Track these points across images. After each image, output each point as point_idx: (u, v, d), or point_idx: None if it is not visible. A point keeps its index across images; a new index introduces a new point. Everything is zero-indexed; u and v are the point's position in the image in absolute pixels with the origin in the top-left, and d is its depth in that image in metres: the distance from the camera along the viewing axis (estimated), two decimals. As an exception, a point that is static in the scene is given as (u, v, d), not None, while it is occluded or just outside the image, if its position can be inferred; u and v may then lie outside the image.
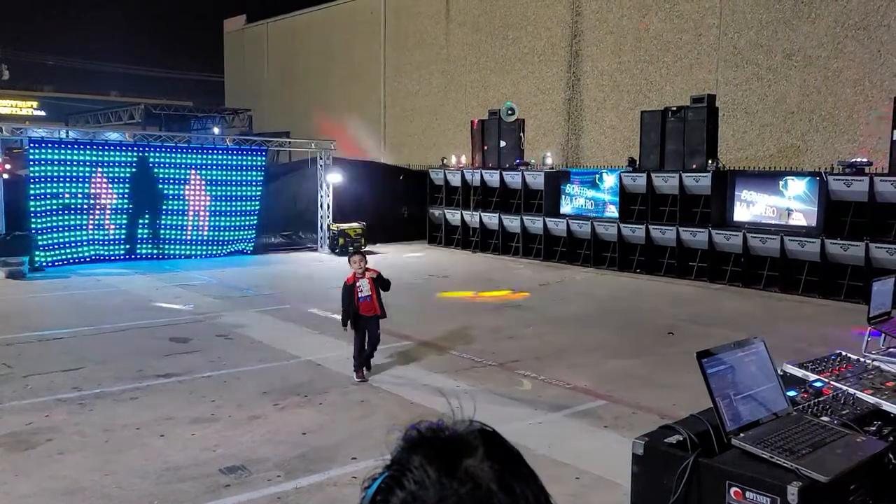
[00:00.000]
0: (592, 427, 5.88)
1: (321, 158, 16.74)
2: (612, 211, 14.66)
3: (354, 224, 16.47)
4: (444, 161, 18.16)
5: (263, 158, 15.98)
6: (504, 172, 16.43)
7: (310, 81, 28.95)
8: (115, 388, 6.61)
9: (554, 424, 5.99)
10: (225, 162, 15.41)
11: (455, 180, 17.58)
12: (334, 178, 16.74)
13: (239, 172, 15.46)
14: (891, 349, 3.81)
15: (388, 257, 16.32)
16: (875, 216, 11.11)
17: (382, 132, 25.60)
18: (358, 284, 6.95)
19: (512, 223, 16.31)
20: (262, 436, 5.55)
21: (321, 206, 16.74)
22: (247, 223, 15.68)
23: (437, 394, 6.50)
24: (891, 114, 11.38)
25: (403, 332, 8.94)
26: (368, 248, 16.60)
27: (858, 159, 11.85)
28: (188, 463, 5.03)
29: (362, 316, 6.93)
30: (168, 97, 31.75)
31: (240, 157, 15.66)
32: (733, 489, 2.00)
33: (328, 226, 16.66)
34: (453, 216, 17.63)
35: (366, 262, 7.12)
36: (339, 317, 7.30)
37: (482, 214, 16.86)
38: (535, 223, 15.84)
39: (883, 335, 4.19)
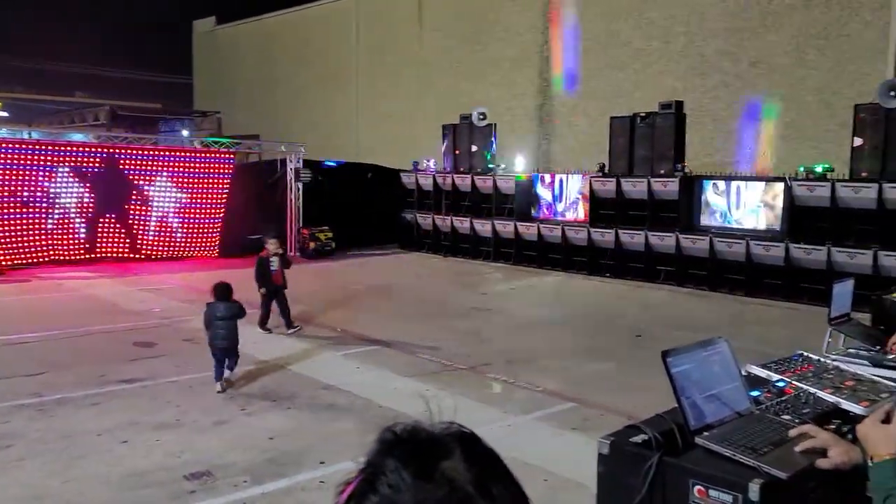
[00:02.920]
0: (561, 429, 5.91)
1: (291, 161, 16.63)
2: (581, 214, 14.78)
3: (325, 227, 16.37)
4: (417, 164, 18.15)
5: (231, 160, 15.82)
6: (476, 177, 16.47)
7: (281, 84, 28.75)
8: (77, 394, 6.47)
9: (523, 427, 6.01)
10: (192, 163, 15.23)
11: (427, 184, 17.57)
12: (304, 180, 16.62)
13: (206, 174, 15.29)
14: (850, 349, 3.89)
15: (354, 261, 16.26)
16: (837, 221, 11.35)
17: (355, 136, 25.52)
18: (270, 259, 8.91)
19: (484, 227, 16.35)
20: (229, 441, 5.48)
21: (290, 209, 16.62)
22: (213, 226, 15.50)
23: (407, 397, 6.49)
24: (850, 121, 11.67)
25: (373, 335, 8.91)
26: (342, 253, 16.54)
27: (821, 165, 12.10)
28: (152, 469, 4.94)
29: (272, 284, 8.88)
30: (135, 99, 31.23)
31: (207, 159, 15.49)
32: (697, 487, 2.01)
33: (298, 229, 16.54)
34: (425, 220, 17.62)
35: (278, 244, 9.08)
36: (305, 320, 7.28)
37: (454, 218, 16.87)
38: (506, 227, 15.90)
39: (843, 336, 4.27)
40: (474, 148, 16.73)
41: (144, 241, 14.92)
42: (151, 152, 15.16)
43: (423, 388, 6.88)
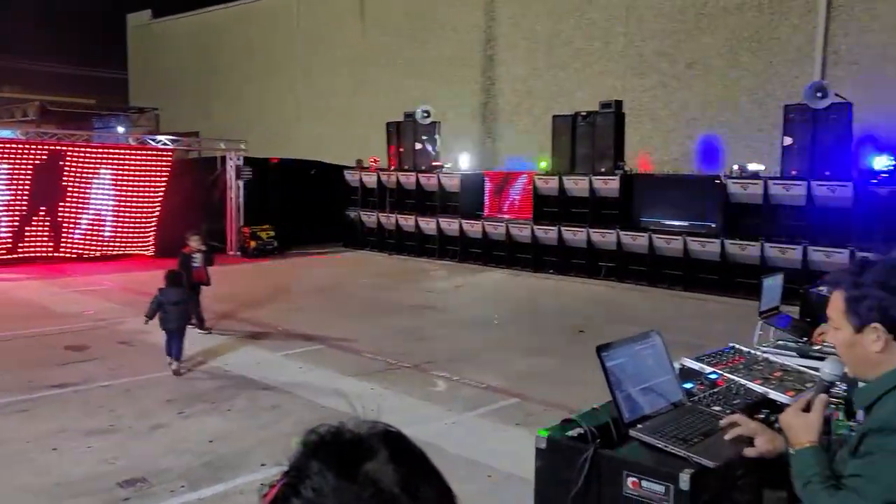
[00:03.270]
0: (505, 425, 5.95)
1: (231, 159, 16.30)
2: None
3: (266, 226, 16.10)
4: (360, 162, 18.02)
5: (169, 158, 15.40)
6: (420, 175, 16.45)
7: (221, 80, 28.13)
8: (2, 401, 6.20)
9: (467, 424, 6.03)
10: (127, 161, 14.78)
11: (371, 182, 17.47)
12: (245, 178, 16.31)
13: (142, 172, 14.85)
14: (779, 342, 4.02)
15: (297, 260, 16.06)
16: (769, 217, 11.76)
17: (297, 133, 25.16)
18: (193, 256, 8.75)
19: (428, 225, 16.35)
20: (166, 446, 5.33)
21: (231, 208, 16.29)
22: (148, 224, 15.07)
23: (351, 396, 6.44)
24: (781, 121, 12.09)
25: (315, 333, 8.81)
26: (285, 252, 16.30)
27: (753, 164, 12.51)
28: (83, 477, 4.77)
29: (192, 280, 8.53)
30: (67, 94, 30.07)
31: (143, 157, 15.05)
32: (630, 479, 2.05)
33: (239, 228, 16.23)
34: (369, 218, 17.52)
35: (202, 240, 8.92)
36: (246, 320, 7.15)
37: (399, 216, 16.82)
38: (451, 225, 15.93)
39: (772, 329, 4.41)
40: (418, 146, 16.71)
41: (76, 241, 14.40)
42: (84, 149, 14.64)
43: (368, 387, 6.84)
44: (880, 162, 11.25)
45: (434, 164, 16.52)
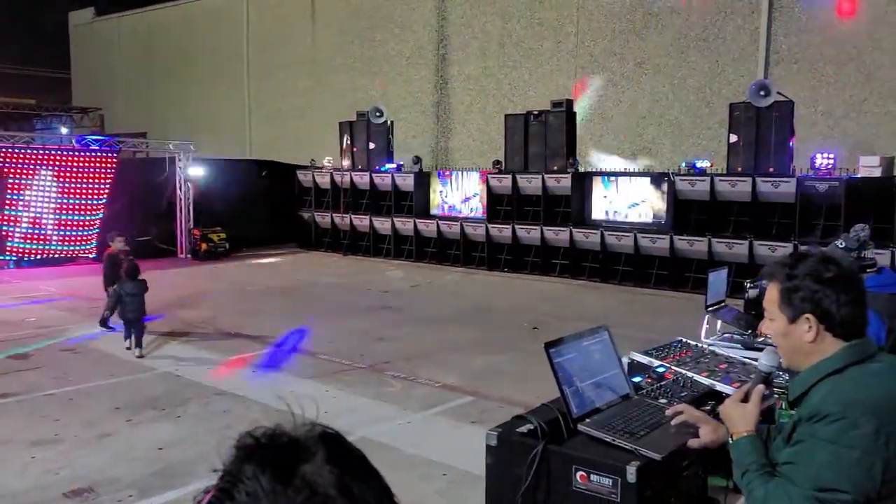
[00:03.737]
0: (460, 423, 5.96)
1: (180, 160, 15.97)
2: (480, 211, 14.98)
3: (218, 228, 15.83)
4: (313, 162, 17.86)
5: (113, 159, 15.00)
6: (374, 174, 16.37)
7: (169, 80, 27.52)
8: (-59, 413, 5.96)
9: (423, 423, 6.03)
10: (70, 162, 14.35)
11: (324, 182, 17.33)
12: (195, 179, 16.00)
13: (85, 174, 14.43)
14: (725, 334, 4.12)
15: (250, 262, 15.83)
16: (716, 213, 12.04)
17: (248, 133, 24.80)
18: (119, 257, 8.72)
19: (383, 225, 16.29)
20: (113, 454, 5.19)
21: (181, 210, 15.97)
22: (91, 227, 14.67)
23: (303, 399, 6.36)
24: (727, 119, 12.39)
25: (269, 337, 8.69)
26: (237, 254, 16.04)
27: (701, 161, 12.79)
28: (27, 488, 4.62)
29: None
30: (7, 94, 29.06)
31: (86, 159, 14.62)
32: (579, 473, 2.07)
33: (189, 230, 15.92)
34: (323, 218, 17.37)
35: (125, 242, 9.11)
36: (197, 324, 7.03)
37: (353, 217, 16.71)
38: (405, 224, 15.90)
39: (719, 322, 4.52)
40: (372, 145, 16.64)
41: (14, 244, 13.93)
42: (24, 151, 14.16)
43: (323, 389, 6.78)
44: (820, 158, 11.62)
45: (388, 163, 16.47)
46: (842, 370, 1.74)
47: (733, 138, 12.13)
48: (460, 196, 15.55)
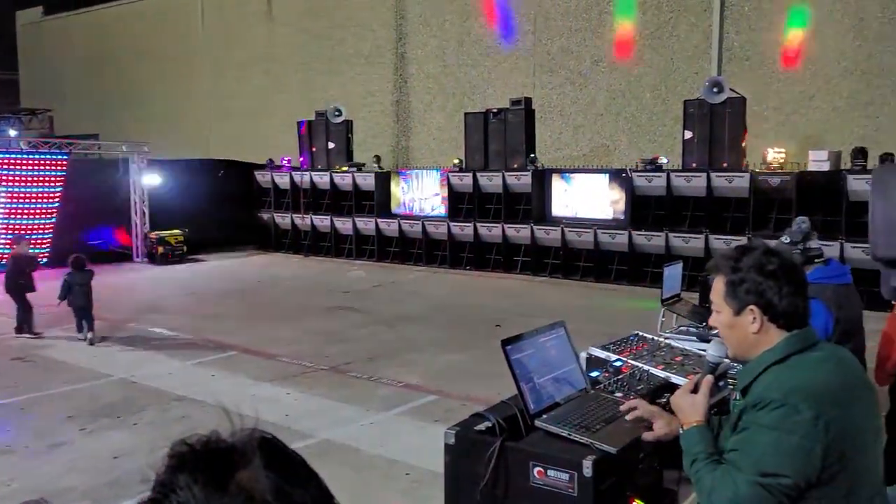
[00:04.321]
0: (423, 422, 5.95)
1: (134, 162, 15.64)
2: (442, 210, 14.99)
3: (175, 231, 15.53)
4: (272, 162, 17.65)
5: (64, 162, 14.61)
6: (334, 174, 16.25)
7: (122, 80, 26.91)
8: None
9: (386, 423, 6.00)
10: (17, 165, 13.93)
11: (284, 182, 17.14)
12: (150, 181, 15.68)
13: (34, 177, 14.02)
14: (681, 327, 4.19)
15: (209, 265, 15.59)
16: (672, 208, 12.24)
17: (205, 133, 24.40)
18: (24, 261, 8.92)
19: (344, 225, 16.19)
20: (66, 464, 5.06)
21: (136, 213, 15.64)
22: (43, 233, 14.27)
23: (267, 402, 6.29)
24: (681, 115, 12.60)
25: (229, 340, 8.57)
26: (195, 257, 15.77)
27: (657, 157, 12.98)
28: (-25, 503, 4.47)
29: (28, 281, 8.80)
30: (-50, 95, 28.15)
31: (36, 161, 14.22)
32: (536, 469, 2.08)
33: (145, 233, 15.60)
34: (283, 219, 17.18)
35: (28, 244, 9.52)
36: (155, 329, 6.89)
37: (313, 217, 16.57)
38: (367, 224, 15.82)
39: (675, 315, 4.59)
40: (331, 145, 16.51)
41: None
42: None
43: (284, 392, 6.71)
44: (772, 153, 11.89)
45: (348, 163, 16.36)
46: (784, 359, 1.79)
47: (688, 134, 12.34)
48: (422, 195, 15.54)
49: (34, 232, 14.04)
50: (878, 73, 13.09)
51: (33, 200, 14.08)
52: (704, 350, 3.32)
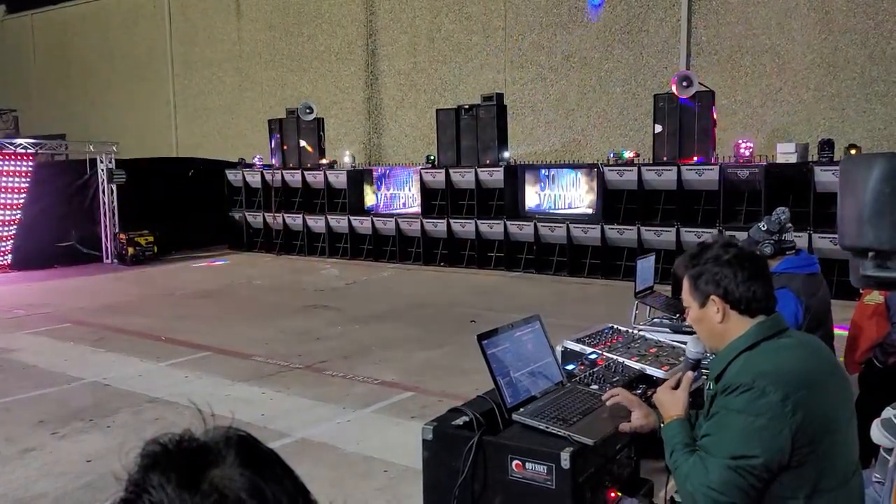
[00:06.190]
0: (400, 419, 5.95)
1: (102, 161, 15.39)
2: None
3: (145, 231, 15.32)
4: (243, 161, 17.47)
5: (29, 163, 14.31)
6: (306, 172, 16.14)
7: (88, 79, 26.45)
8: None
9: (363, 421, 5.98)
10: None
11: (255, 181, 16.98)
12: (118, 182, 15.43)
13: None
14: (654, 319, 4.24)
15: (180, 265, 15.41)
16: (644, 202, 12.36)
17: (174, 133, 24.08)
18: None
19: (317, 223, 16.09)
20: (38, 469, 4.97)
21: (105, 214, 15.39)
22: (6, 235, 13.98)
23: (242, 403, 6.24)
24: (652, 110, 12.72)
25: (202, 341, 8.48)
26: (166, 258, 15.57)
27: (628, 152, 13.09)
28: (-57, 513, 4.38)
29: None
30: None
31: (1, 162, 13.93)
32: (514, 462, 2.09)
33: (115, 234, 15.36)
34: (255, 218, 17.03)
35: None
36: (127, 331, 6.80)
37: (285, 216, 16.45)
38: (340, 222, 15.74)
39: (648, 308, 4.64)
40: (302, 143, 16.39)
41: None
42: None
43: (259, 392, 6.66)
44: (741, 146, 12.05)
45: (320, 161, 16.26)
46: (754, 346, 1.84)
47: (658, 128, 12.46)
48: (394, 192, 15.50)
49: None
50: (844, 66, 13.33)
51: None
52: (678, 341, 3.37)
